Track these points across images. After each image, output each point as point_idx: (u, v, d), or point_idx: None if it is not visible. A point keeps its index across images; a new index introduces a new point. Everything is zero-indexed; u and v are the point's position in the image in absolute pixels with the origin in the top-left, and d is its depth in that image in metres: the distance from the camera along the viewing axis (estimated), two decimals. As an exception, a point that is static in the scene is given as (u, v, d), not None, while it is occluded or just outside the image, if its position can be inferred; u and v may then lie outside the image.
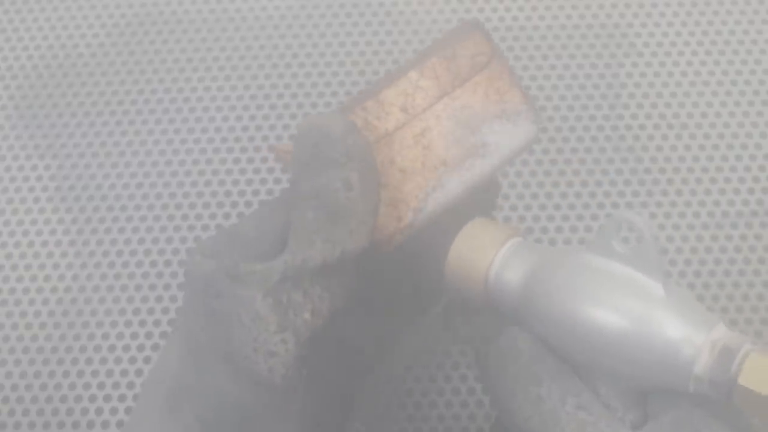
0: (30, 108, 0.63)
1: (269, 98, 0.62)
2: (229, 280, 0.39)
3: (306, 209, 0.40)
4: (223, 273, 0.39)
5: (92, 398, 0.55)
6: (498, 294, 0.41)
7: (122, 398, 0.55)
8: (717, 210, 0.58)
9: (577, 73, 0.62)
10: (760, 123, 0.60)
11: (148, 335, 0.56)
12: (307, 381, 0.40)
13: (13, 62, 0.65)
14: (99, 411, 0.55)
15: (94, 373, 0.56)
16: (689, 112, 0.61)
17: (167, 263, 0.58)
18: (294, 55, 0.64)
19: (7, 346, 0.56)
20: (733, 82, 0.62)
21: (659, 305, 0.38)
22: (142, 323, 0.57)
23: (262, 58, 0.64)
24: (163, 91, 0.63)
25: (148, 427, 0.41)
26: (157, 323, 0.57)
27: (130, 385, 0.55)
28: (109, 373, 0.56)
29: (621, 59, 0.63)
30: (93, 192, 0.60)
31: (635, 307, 0.38)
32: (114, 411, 0.55)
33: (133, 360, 0.56)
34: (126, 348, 0.56)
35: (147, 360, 0.56)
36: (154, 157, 0.61)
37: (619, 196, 0.59)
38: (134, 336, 0.56)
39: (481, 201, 0.45)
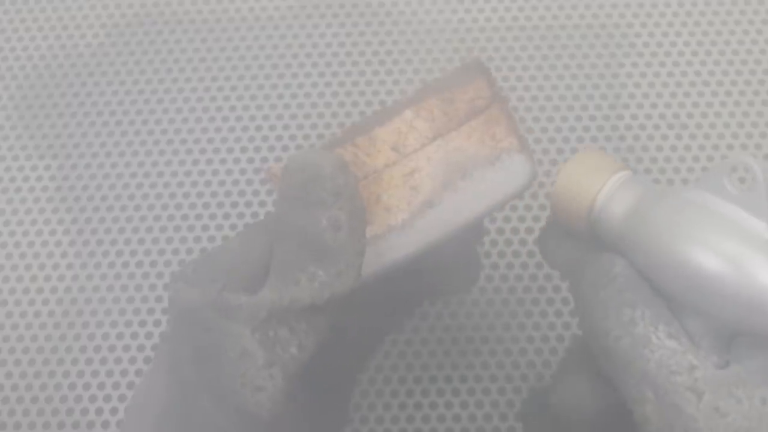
0: (30, 108, 0.63)
1: (269, 98, 0.62)
2: (216, 314, 0.39)
3: (290, 245, 0.39)
4: (209, 306, 0.39)
5: (92, 398, 0.55)
6: (602, 223, 0.41)
7: (122, 398, 0.55)
8: (717, 210, 0.58)
9: (577, 73, 0.62)
10: (760, 123, 0.60)
11: (148, 335, 0.56)
12: (293, 411, 0.40)
13: (13, 62, 0.65)
14: (99, 411, 0.55)
15: (94, 374, 0.56)
16: (689, 113, 0.61)
17: (167, 263, 0.58)
18: (294, 55, 0.64)
19: (7, 346, 0.56)
20: (733, 82, 0.62)
21: (761, 248, 0.37)
22: (142, 323, 0.57)
23: (262, 58, 0.64)
24: (163, 91, 0.63)
25: None
26: (157, 323, 0.57)
27: (130, 385, 0.55)
28: (109, 373, 0.56)
29: (621, 59, 0.63)
30: (93, 192, 0.60)
31: (737, 246, 0.37)
32: (114, 411, 0.55)
33: (133, 360, 0.56)
34: (126, 348, 0.56)
35: (147, 360, 0.56)
36: (154, 157, 0.61)
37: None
38: (134, 336, 0.56)
39: (463, 242, 0.45)
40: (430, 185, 0.41)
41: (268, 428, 0.39)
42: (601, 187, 0.41)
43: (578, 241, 0.43)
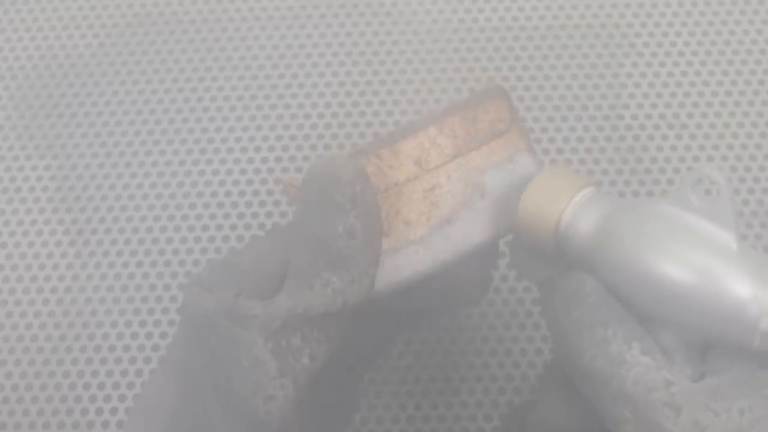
0: (30, 108, 0.63)
1: (269, 98, 0.62)
2: (230, 321, 0.39)
3: (306, 251, 0.40)
4: (223, 312, 0.39)
5: (92, 398, 0.55)
6: (568, 241, 0.41)
7: (122, 398, 0.55)
8: (717, 210, 0.58)
9: (577, 73, 0.62)
10: (760, 123, 0.60)
11: (149, 335, 0.56)
12: (300, 417, 0.41)
13: (13, 62, 0.65)
14: (99, 411, 0.55)
15: (95, 374, 0.56)
16: (689, 113, 0.61)
17: (167, 263, 0.58)
18: (294, 55, 0.64)
19: (7, 346, 0.56)
20: (733, 82, 0.62)
21: (730, 259, 0.38)
22: (143, 323, 0.57)
23: (262, 58, 0.64)
24: (164, 91, 0.63)
25: None
26: (157, 323, 0.57)
27: (131, 386, 0.55)
28: (110, 374, 0.56)
29: (621, 59, 0.63)
30: (93, 192, 0.60)
31: (705, 259, 0.38)
32: (114, 411, 0.55)
33: (133, 360, 0.56)
34: (126, 348, 0.56)
35: (147, 360, 0.56)
36: (154, 157, 0.61)
37: (620, 197, 0.58)
38: (134, 336, 0.56)
39: (478, 264, 0.46)
40: (449, 202, 0.41)
41: None
42: (566, 205, 0.41)
43: (546, 260, 0.43)
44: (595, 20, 0.64)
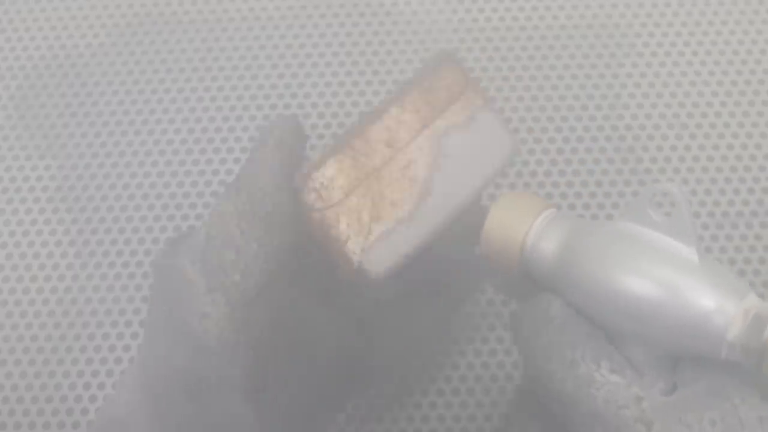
0: (30, 108, 0.63)
1: (269, 98, 0.62)
2: (165, 258, 0.42)
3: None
4: (162, 253, 0.42)
5: (92, 398, 0.55)
6: (533, 263, 0.42)
7: (122, 398, 0.55)
8: (717, 210, 0.58)
9: (577, 73, 0.62)
10: (760, 123, 0.60)
11: (148, 335, 0.56)
12: (261, 359, 0.41)
13: (13, 62, 0.65)
14: (99, 411, 0.55)
15: (94, 374, 0.56)
16: (689, 113, 0.61)
17: (167, 263, 0.58)
18: (294, 55, 0.64)
19: (7, 346, 0.56)
20: (733, 82, 0.62)
21: (693, 272, 0.38)
22: (143, 323, 0.57)
23: (262, 58, 0.64)
24: (163, 91, 0.63)
25: (114, 405, 0.44)
26: (157, 323, 0.57)
27: (130, 386, 0.55)
28: (110, 373, 0.56)
29: (621, 59, 0.63)
30: (93, 192, 0.60)
31: (669, 274, 0.38)
32: (114, 411, 0.55)
33: (133, 360, 0.56)
34: (126, 348, 0.56)
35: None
36: (154, 157, 0.61)
37: (620, 197, 0.59)
38: (134, 336, 0.56)
39: (470, 226, 0.46)
40: (424, 173, 0.43)
41: (221, 361, 0.40)
42: (529, 228, 0.42)
43: (514, 284, 0.44)
44: (595, 20, 0.64)
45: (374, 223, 0.42)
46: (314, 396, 0.46)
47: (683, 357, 0.39)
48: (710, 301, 0.38)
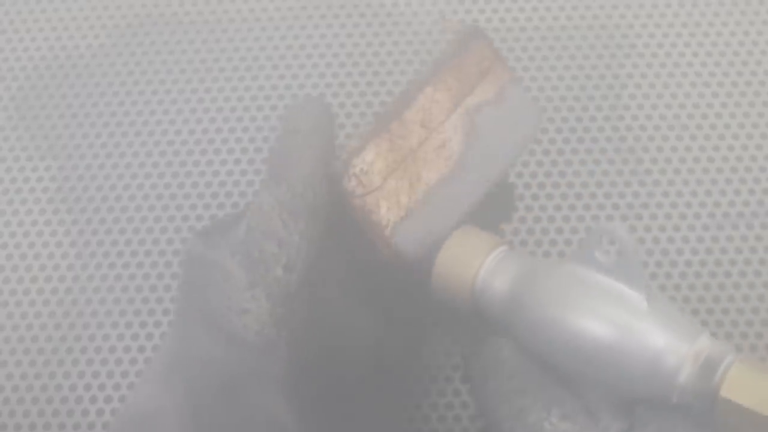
0: (30, 108, 0.63)
1: (270, 99, 0.62)
2: (203, 248, 0.41)
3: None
4: (199, 243, 0.41)
5: (93, 399, 0.55)
6: (484, 302, 0.42)
7: (123, 399, 0.55)
8: (718, 211, 0.58)
9: (577, 73, 0.62)
10: (760, 124, 0.60)
11: (149, 336, 0.56)
12: (295, 350, 0.41)
13: (13, 62, 0.64)
14: (100, 412, 0.55)
15: (95, 375, 0.56)
16: (690, 113, 0.61)
17: (168, 264, 0.58)
18: (294, 55, 0.64)
19: (8, 347, 0.56)
20: (733, 83, 0.62)
21: (643, 316, 0.38)
22: (143, 324, 0.57)
23: (262, 59, 0.64)
24: (164, 92, 0.63)
25: (142, 399, 0.43)
26: (157, 324, 0.57)
27: (131, 387, 0.55)
28: (110, 375, 0.56)
29: (621, 60, 0.63)
30: (93, 193, 0.60)
31: (619, 317, 0.38)
32: (115, 412, 0.55)
33: (134, 361, 0.56)
34: (127, 349, 0.56)
35: (148, 361, 0.56)
36: (154, 158, 0.61)
37: (620, 197, 0.59)
38: (135, 337, 0.56)
39: (498, 204, 0.47)
40: (459, 151, 0.43)
41: (260, 357, 0.40)
42: (480, 265, 0.42)
43: (464, 325, 0.43)
44: (595, 20, 0.64)
45: (412, 205, 0.42)
46: (351, 395, 0.46)
47: (638, 400, 0.39)
48: (660, 343, 0.37)
